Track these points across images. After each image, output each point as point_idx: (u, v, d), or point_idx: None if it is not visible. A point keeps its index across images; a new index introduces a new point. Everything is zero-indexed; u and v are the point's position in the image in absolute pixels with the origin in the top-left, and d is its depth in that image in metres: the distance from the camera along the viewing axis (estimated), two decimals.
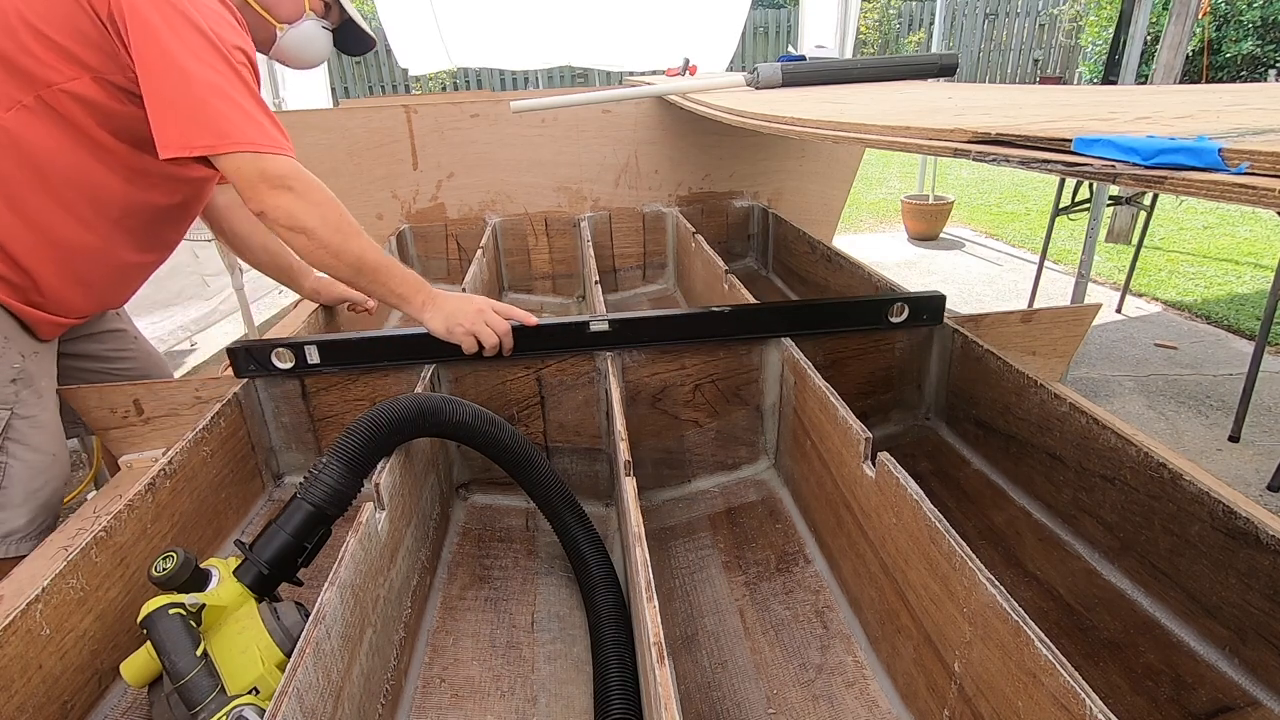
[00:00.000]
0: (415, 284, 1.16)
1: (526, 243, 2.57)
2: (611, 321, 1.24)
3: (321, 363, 1.24)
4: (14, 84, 1.01)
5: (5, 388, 1.10)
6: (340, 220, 1.09)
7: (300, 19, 1.28)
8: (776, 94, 1.94)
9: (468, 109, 2.44)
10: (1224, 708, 0.80)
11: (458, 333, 1.15)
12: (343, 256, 1.09)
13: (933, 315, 1.33)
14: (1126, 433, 0.98)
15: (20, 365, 1.12)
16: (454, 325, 1.15)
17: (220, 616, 0.77)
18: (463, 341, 1.16)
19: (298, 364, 1.24)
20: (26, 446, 1.13)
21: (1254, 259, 4.30)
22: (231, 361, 1.23)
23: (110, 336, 1.42)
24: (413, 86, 10.43)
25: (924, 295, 1.32)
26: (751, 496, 1.31)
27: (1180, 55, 3.99)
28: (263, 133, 1.05)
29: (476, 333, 1.16)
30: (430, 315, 1.16)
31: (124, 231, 1.19)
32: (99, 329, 1.40)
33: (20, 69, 1.01)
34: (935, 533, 0.76)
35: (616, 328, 1.24)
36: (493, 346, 1.18)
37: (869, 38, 11.30)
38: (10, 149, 1.04)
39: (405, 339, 1.23)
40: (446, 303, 1.17)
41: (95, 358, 1.39)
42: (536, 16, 4.79)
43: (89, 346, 1.38)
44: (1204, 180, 0.49)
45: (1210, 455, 2.40)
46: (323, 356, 1.23)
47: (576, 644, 1.00)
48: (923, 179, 5.50)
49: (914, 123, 0.87)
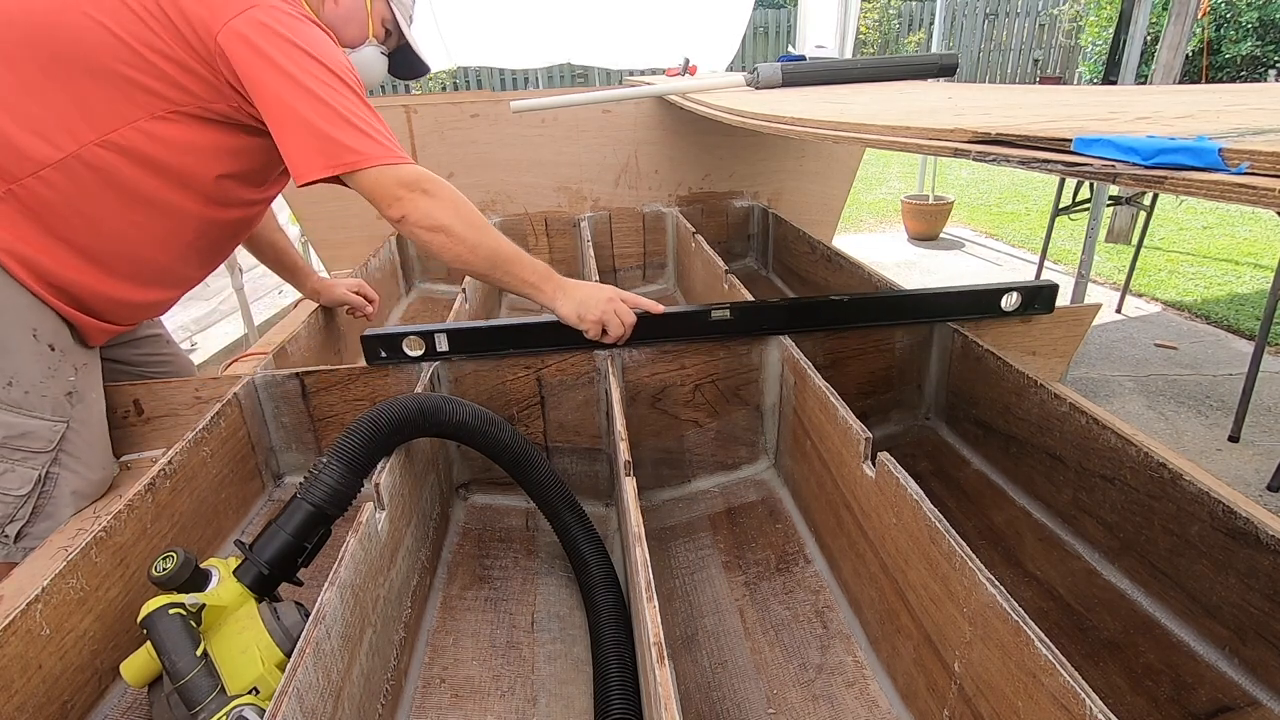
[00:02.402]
0: (545, 272, 1.18)
1: (526, 243, 2.57)
2: (732, 308, 1.26)
3: (451, 350, 1.25)
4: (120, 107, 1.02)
5: (60, 401, 1.09)
6: (472, 216, 1.12)
7: (362, 44, 1.31)
8: (776, 94, 1.94)
9: (468, 109, 2.44)
10: (1224, 708, 0.80)
11: (589, 319, 1.17)
12: (479, 250, 1.12)
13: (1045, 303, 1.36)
14: (1126, 433, 0.98)
15: (74, 379, 1.11)
16: (585, 312, 1.17)
17: (220, 616, 0.77)
18: (591, 329, 1.18)
19: (428, 351, 1.25)
20: (78, 459, 1.12)
21: (1254, 259, 4.30)
22: (365, 349, 1.25)
23: (147, 342, 1.43)
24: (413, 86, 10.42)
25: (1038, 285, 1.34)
26: (751, 496, 1.31)
27: (1179, 56, 3.99)
28: (389, 145, 1.09)
29: (605, 321, 1.18)
30: (562, 302, 1.17)
31: (195, 251, 1.21)
32: (138, 335, 1.40)
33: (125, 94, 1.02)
34: (935, 533, 0.76)
35: (738, 314, 1.26)
36: (617, 337, 1.20)
37: (869, 38, 11.30)
38: (98, 170, 1.04)
39: (529, 327, 1.24)
40: (577, 290, 1.18)
41: (132, 363, 1.39)
42: (536, 15, 4.78)
43: (126, 352, 1.38)
44: (1204, 180, 0.49)
45: (1210, 455, 2.40)
46: (452, 344, 1.24)
47: (576, 644, 1.00)
48: (923, 179, 5.50)
49: (914, 123, 0.87)
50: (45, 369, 1.07)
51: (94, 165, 1.03)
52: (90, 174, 1.03)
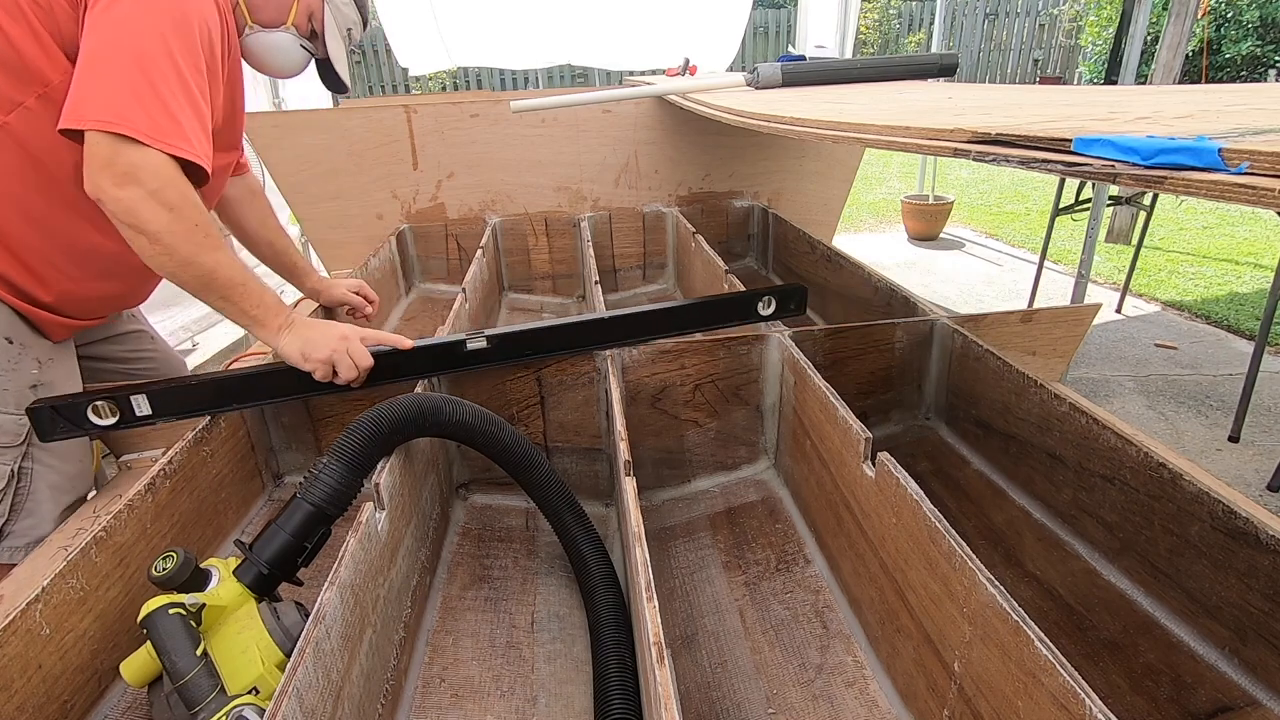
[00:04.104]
0: (274, 307, 1.08)
1: (526, 243, 2.57)
2: (489, 338, 1.20)
3: (155, 414, 1.10)
4: (13, 85, 1.00)
5: (25, 394, 1.08)
6: (194, 229, 0.99)
7: (276, 28, 1.25)
8: (776, 94, 1.94)
9: (468, 109, 2.44)
10: (1224, 708, 0.80)
11: (315, 358, 1.08)
12: (190, 268, 1.00)
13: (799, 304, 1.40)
14: (1126, 433, 0.98)
15: (38, 373, 1.10)
16: (311, 351, 1.08)
17: (220, 616, 0.77)
18: (318, 369, 1.08)
19: (124, 418, 1.09)
20: (51, 453, 1.12)
21: (1254, 259, 4.30)
22: (34, 423, 1.07)
23: (129, 338, 1.42)
24: (413, 86, 10.42)
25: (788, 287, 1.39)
26: (751, 496, 1.31)
27: (1179, 55, 3.99)
28: (147, 116, 0.93)
29: (335, 361, 1.08)
30: (286, 341, 1.08)
31: None
32: (118, 331, 1.39)
33: (16, 69, 0.99)
34: (935, 533, 0.76)
35: (495, 343, 1.20)
36: (349, 379, 1.11)
37: (869, 38, 11.30)
38: (16, 152, 1.02)
39: (248, 376, 1.12)
40: (306, 329, 1.09)
41: (115, 359, 1.38)
42: (536, 16, 4.78)
43: (108, 349, 1.37)
44: (1204, 180, 0.49)
45: (1210, 455, 2.40)
46: (156, 407, 1.09)
47: (576, 644, 1.00)
48: (923, 179, 5.50)
49: (914, 123, 0.87)
50: (4, 362, 1.06)
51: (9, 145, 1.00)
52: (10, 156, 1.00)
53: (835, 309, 1.96)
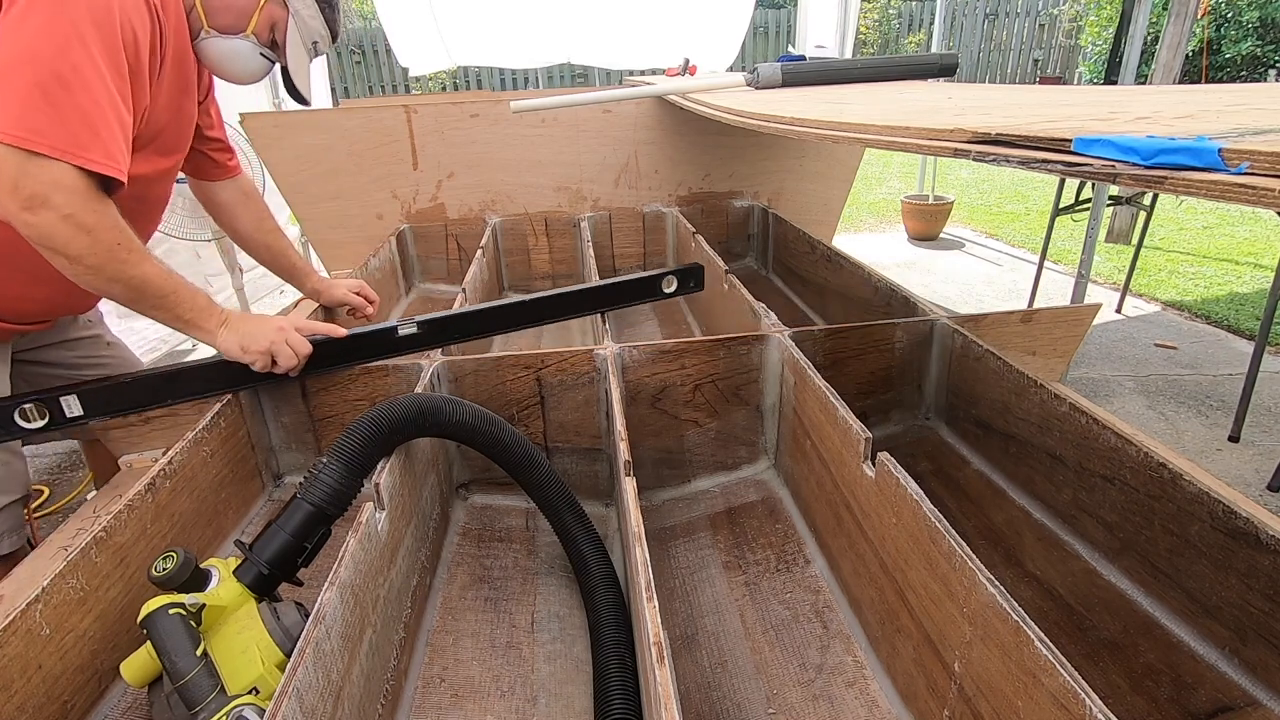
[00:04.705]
0: (206, 309, 1.10)
1: (526, 243, 2.57)
2: (420, 323, 1.26)
3: (86, 414, 1.07)
4: None
5: None
6: (116, 246, 0.97)
7: (235, 35, 1.20)
8: (776, 94, 1.94)
9: (468, 109, 2.44)
10: (1224, 708, 0.80)
11: (254, 350, 1.12)
12: (117, 283, 0.99)
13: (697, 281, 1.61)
14: (1126, 433, 0.98)
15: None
16: (250, 344, 1.12)
17: (220, 616, 0.77)
18: (258, 360, 1.13)
19: (52, 420, 1.06)
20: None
21: (1254, 259, 4.30)
22: None
23: (82, 343, 1.39)
24: (413, 86, 10.42)
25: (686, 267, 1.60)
26: (751, 496, 1.31)
27: (1179, 55, 3.99)
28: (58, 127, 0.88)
29: (274, 352, 1.13)
30: (224, 336, 1.11)
31: None
32: (69, 336, 1.37)
33: None
34: (935, 533, 0.76)
35: (425, 328, 1.27)
36: (289, 367, 1.16)
37: (869, 38, 11.30)
38: None
39: (182, 372, 1.14)
40: (243, 323, 1.13)
41: (65, 364, 1.36)
42: (536, 15, 4.78)
43: (58, 354, 1.35)
44: (1204, 180, 0.49)
45: (1210, 455, 2.40)
46: (87, 407, 1.07)
47: (576, 644, 1.00)
48: (923, 179, 5.50)
49: (914, 123, 0.87)
50: None
51: None
52: None
53: (835, 309, 1.96)
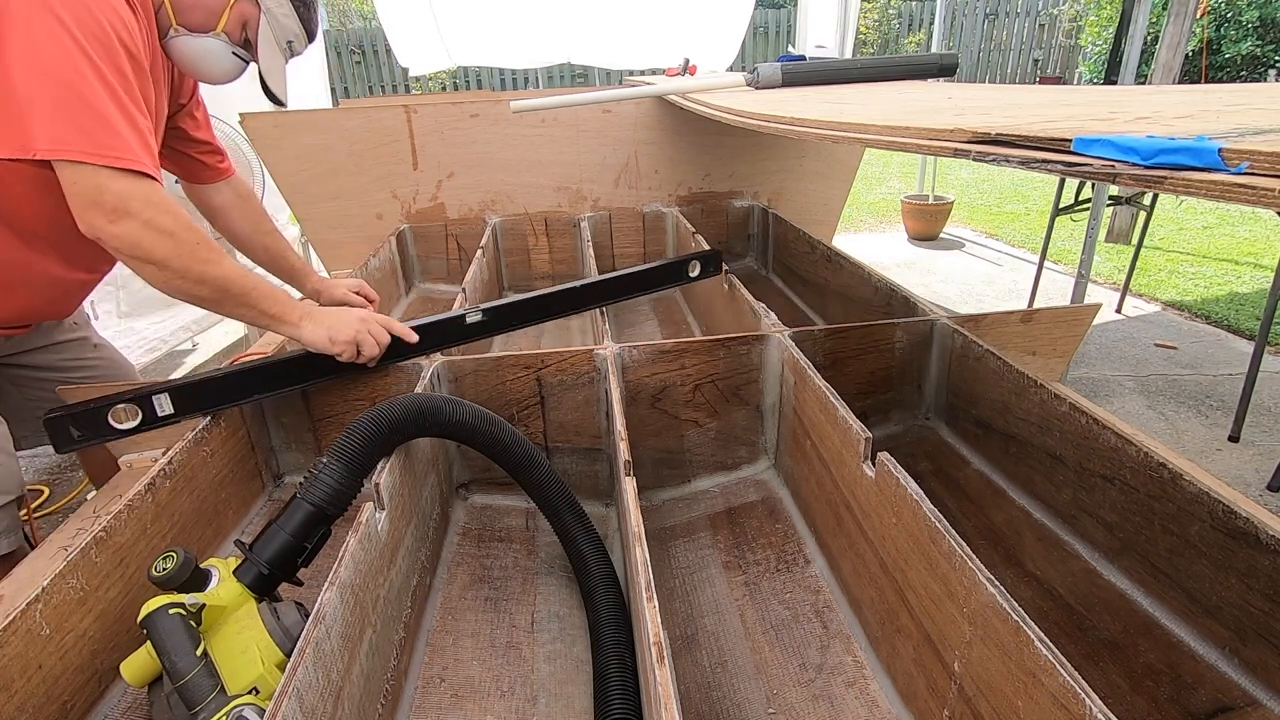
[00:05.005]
0: (286, 301, 1.12)
1: (526, 243, 2.57)
2: (485, 310, 1.36)
3: (178, 412, 1.09)
4: None
5: None
6: (196, 245, 1.00)
7: (205, 33, 1.19)
8: (776, 94, 1.94)
9: (468, 109, 2.44)
10: (1224, 708, 0.80)
11: (341, 340, 1.14)
12: (204, 284, 1.02)
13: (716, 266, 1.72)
14: (1126, 433, 0.98)
15: None
16: (337, 335, 1.14)
17: (220, 616, 0.77)
18: (345, 350, 1.15)
19: (145, 419, 1.08)
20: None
21: (1254, 259, 4.30)
22: (51, 434, 1.04)
23: (68, 346, 1.39)
24: (413, 86, 10.42)
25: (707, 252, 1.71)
26: (751, 496, 1.31)
27: (1179, 55, 3.99)
28: (109, 139, 0.92)
29: (359, 341, 1.16)
30: (310, 328, 1.13)
31: (48, 245, 1.14)
32: (54, 340, 1.36)
33: None
34: (935, 533, 0.76)
35: (490, 315, 1.37)
36: (371, 356, 1.18)
37: (869, 38, 11.30)
38: None
39: (275, 366, 1.17)
40: (326, 315, 1.15)
41: (51, 368, 1.35)
42: (536, 15, 4.78)
43: (44, 358, 1.35)
44: (1204, 180, 0.49)
45: (1210, 455, 2.40)
46: (178, 405, 1.09)
47: (576, 644, 1.00)
48: (923, 179, 5.50)
49: (914, 123, 0.87)
50: None
51: None
52: None
53: (835, 309, 1.96)
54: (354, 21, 12.57)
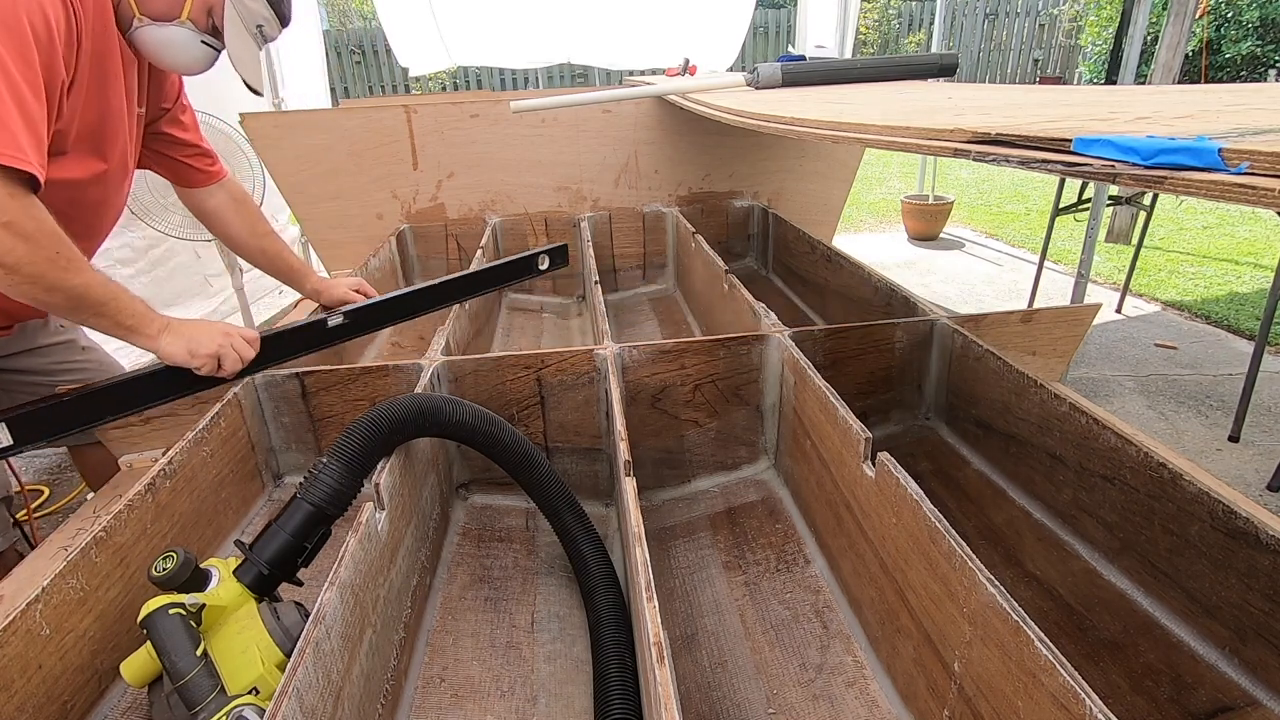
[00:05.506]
0: (146, 315, 1.09)
1: (526, 243, 2.57)
2: (346, 313, 1.42)
3: (17, 443, 1.02)
4: None
5: None
6: (56, 254, 0.95)
7: (169, 22, 1.15)
8: (776, 94, 1.94)
9: (468, 109, 2.44)
10: (1224, 708, 0.80)
11: (202, 354, 1.13)
12: (56, 292, 0.97)
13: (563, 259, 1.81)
14: (1126, 433, 0.98)
15: None
16: (198, 348, 1.13)
17: (220, 616, 0.77)
18: (205, 364, 1.14)
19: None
20: None
21: (1254, 259, 4.30)
22: None
23: (53, 350, 1.38)
24: (413, 86, 10.42)
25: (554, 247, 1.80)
26: (751, 496, 1.31)
27: (1179, 55, 3.99)
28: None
29: (220, 355, 1.15)
30: (168, 342, 1.10)
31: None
32: (40, 343, 1.35)
33: None
34: (935, 533, 0.76)
35: (352, 318, 1.42)
36: (233, 370, 1.18)
37: (869, 38, 11.30)
38: None
39: (122, 384, 1.13)
40: (187, 328, 1.13)
41: (39, 372, 1.34)
42: (536, 15, 4.78)
43: (30, 361, 1.34)
44: (1204, 180, 0.49)
45: (1210, 455, 2.40)
46: (17, 434, 1.02)
47: (576, 644, 1.00)
48: (923, 179, 5.50)
49: (914, 123, 0.87)
50: None
51: None
52: None
53: (835, 309, 1.96)
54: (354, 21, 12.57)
